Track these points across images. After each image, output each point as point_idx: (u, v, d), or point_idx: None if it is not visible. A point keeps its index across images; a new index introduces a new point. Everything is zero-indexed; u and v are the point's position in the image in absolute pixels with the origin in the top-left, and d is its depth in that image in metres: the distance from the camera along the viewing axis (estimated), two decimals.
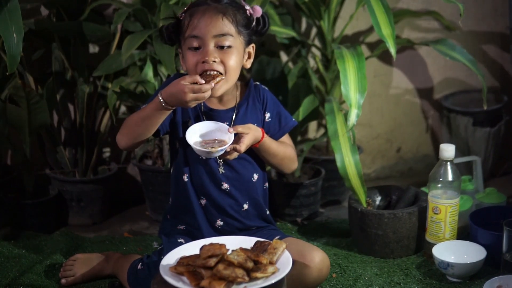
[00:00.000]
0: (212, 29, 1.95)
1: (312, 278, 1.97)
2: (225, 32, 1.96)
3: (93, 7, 2.57)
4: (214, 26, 1.95)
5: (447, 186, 2.27)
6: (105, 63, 2.54)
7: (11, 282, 2.21)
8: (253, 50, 2.08)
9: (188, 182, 2.11)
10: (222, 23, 1.96)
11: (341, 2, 2.75)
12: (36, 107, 2.40)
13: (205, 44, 1.97)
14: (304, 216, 2.66)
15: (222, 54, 1.97)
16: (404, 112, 3.08)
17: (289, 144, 2.19)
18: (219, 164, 2.10)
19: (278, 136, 2.16)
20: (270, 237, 2.06)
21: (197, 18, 1.97)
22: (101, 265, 2.24)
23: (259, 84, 2.17)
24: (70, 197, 2.65)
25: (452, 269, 2.15)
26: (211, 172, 2.10)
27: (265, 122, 2.14)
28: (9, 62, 2.11)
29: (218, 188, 2.10)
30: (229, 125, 2.06)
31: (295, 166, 2.21)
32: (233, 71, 2.00)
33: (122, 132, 2.04)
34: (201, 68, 1.97)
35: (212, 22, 1.95)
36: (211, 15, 1.96)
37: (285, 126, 2.17)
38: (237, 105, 2.11)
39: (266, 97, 2.14)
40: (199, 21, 1.96)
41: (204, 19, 1.96)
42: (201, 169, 2.10)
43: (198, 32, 1.96)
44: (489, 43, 3.09)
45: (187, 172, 2.11)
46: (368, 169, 3.06)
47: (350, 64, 2.28)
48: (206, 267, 1.74)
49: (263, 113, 2.14)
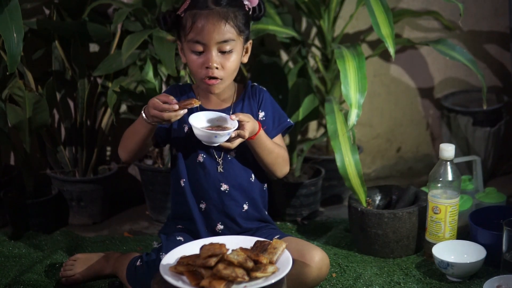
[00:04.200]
0: (216, 36, 2.00)
1: (312, 277, 1.97)
2: (227, 38, 2.01)
3: (93, 7, 2.58)
4: (218, 33, 2.00)
5: (447, 186, 2.27)
6: (105, 62, 2.54)
7: (11, 282, 2.22)
8: (250, 45, 2.12)
9: (185, 186, 2.12)
10: (224, 29, 2.00)
11: (341, 2, 2.75)
12: (36, 106, 2.40)
13: (208, 50, 2.02)
14: (304, 215, 2.66)
15: (223, 59, 2.03)
16: (404, 112, 3.08)
17: (282, 146, 2.18)
18: (218, 162, 2.10)
19: (272, 135, 2.15)
20: (269, 236, 2.07)
21: (201, 24, 2.00)
22: (101, 265, 2.25)
23: (256, 84, 2.18)
24: (70, 197, 2.65)
25: (452, 268, 2.15)
26: (209, 174, 2.10)
27: (259, 120, 2.14)
28: (9, 62, 2.11)
29: (217, 190, 2.11)
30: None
31: (287, 169, 2.19)
32: (232, 72, 2.06)
33: (120, 146, 2.11)
34: (205, 73, 2.03)
35: (215, 29, 2.00)
36: (214, 22, 2.00)
37: (279, 125, 2.17)
38: (233, 104, 2.12)
39: (262, 97, 2.15)
40: (203, 27, 2.00)
41: (207, 26, 2.00)
42: (199, 172, 2.10)
43: (201, 38, 2.00)
44: (489, 42, 3.09)
45: (184, 177, 2.12)
46: (368, 169, 3.06)
47: (350, 63, 2.28)
48: (206, 267, 1.74)
49: (257, 112, 2.14)
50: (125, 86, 2.47)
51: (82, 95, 2.62)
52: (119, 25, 2.57)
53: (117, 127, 2.71)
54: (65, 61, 2.60)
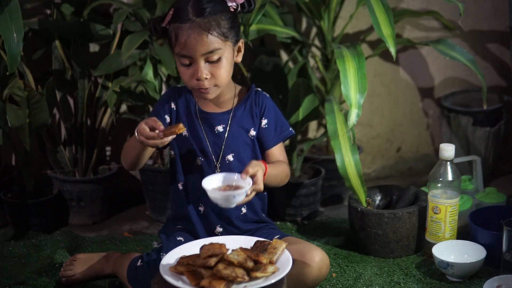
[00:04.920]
0: (200, 48, 1.97)
1: (312, 277, 1.97)
2: (212, 48, 1.98)
3: (93, 7, 2.57)
4: (201, 45, 1.97)
5: (447, 186, 2.27)
6: (105, 62, 2.54)
7: (11, 282, 2.22)
8: (243, 45, 2.09)
9: (183, 190, 2.13)
10: (208, 41, 1.97)
11: (341, 2, 2.75)
12: (36, 106, 2.40)
13: (195, 62, 2.00)
14: (304, 215, 2.66)
15: (212, 68, 2.00)
16: (404, 112, 3.08)
17: (283, 161, 2.15)
18: (216, 166, 2.10)
19: (272, 144, 2.14)
20: (269, 236, 2.06)
21: (183, 38, 1.97)
22: (101, 265, 2.25)
23: (260, 90, 2.16)
24: (70, 197, 2.65)
25: (452, 268, 2.15)
26: None
27: (261, 127, 2.13)
28: (9, 62, 2.11)
29: None
30: (225, 128, 2.09)
31: (288, 179, 2.18)
32: (224, 78, 2.03)
33: (122, 158, 2.12)
34: (196, 84, 2.01)
35: (198, 42, 1.97)
36: (196, 36, 1.96)
37: (281, 134, 2.15)
38: (234, 108, 2.11)
39: (265, 104, 2.13)
40: (186, 41, 1.97)
41: (190, 40, 1.97)
42: (197, 176, 2.10)
43: (187, 52, 1.98)
44: (489, 42, 3.09)
45: (182, 180, 2.13)
46: (368, 169, 3.06)
47: (350, 63, 2.28)
48: (206, 267, 1.74)
49: (259, 119, 2.12)
50: (125, 86, 2.47)
51: (82, 95, 2.62)
52: (119, 25, 2.57)
53: (117, 127, 2.71)
54: (65, 61, 2.60)
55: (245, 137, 2.11)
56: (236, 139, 2.10)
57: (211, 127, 2.10)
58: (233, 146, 2.10)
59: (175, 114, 2.12)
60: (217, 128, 2.10)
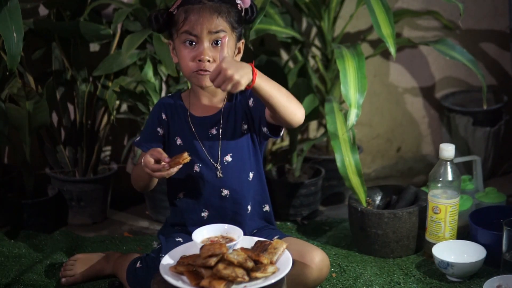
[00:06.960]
0: (209, 25, 1.99)
1: (312, 278, 1.97)
2: (219, 29, 2.00)
3: (93, 7, 2.57)
4: (210, 23, 1.99)
5: (447, 186, 2.27)
6: (105, 62, 2.54)
7: (11, 282, 2.22)
8: (243, 46, 2.10)
9: (184, 200, 2.12)
10: (217, 22, 2.00)
11: (341, 2, 2.75)
12: (36, 106, 2.39)
13: (200, 42, 2.00)
14: (304, 215, 2.66)
15: (215, 52, 2.00)
16: (404, 112, 3.08)
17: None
18: (217, 168, 2.09)
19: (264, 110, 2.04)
20: (269, 236, 2.06)
21: (194, 17, 2.00)
22: (101, 265, 2.24)
23: None
24: (70, 197, 2.65)
25: (452, 268, 2.15)
26: (208, 181, 2.08)
27: (250, 108, 2.10)
28: (9, 62, 2.11)
29: (218, 196, 2.09)
30: (218, 129, 2.07)
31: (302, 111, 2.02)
32: None
33: (132, 182, 2.15)
34: (196, 66, 2.01)
35: (208, 20, 1.99)
36: (206, 14, 1.99)
37: None
38: (223, 108, 2.09)
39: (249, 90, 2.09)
40: (196, 19, 1.99)
41: (200, 18, 1.99)
42: (197, 182, 2.08)
43: (194, 29, 2.00)
44: (489, 42, 3.09)
45: (182, 190, 2.12)
46: (368, 169, 3.06)
47: (350, 63, 2.28)
48: (206, 267, 1.74)
49: (247, 102, 2.09)
50: (125, 86, 2.47)
51: (82, 95, 2.62)
52: (119, 25, 2.57)
53: (117, 127, 2.71)
54: (65, 61, 2.60)
55: (239, 134, 2.10)
56: (231, 138, 2.09)
57: (205, 131, 2.09)
58: (229, 145, 2.09)
59: (166, 125, 2.11)
60: (211, 131, 2.09)
